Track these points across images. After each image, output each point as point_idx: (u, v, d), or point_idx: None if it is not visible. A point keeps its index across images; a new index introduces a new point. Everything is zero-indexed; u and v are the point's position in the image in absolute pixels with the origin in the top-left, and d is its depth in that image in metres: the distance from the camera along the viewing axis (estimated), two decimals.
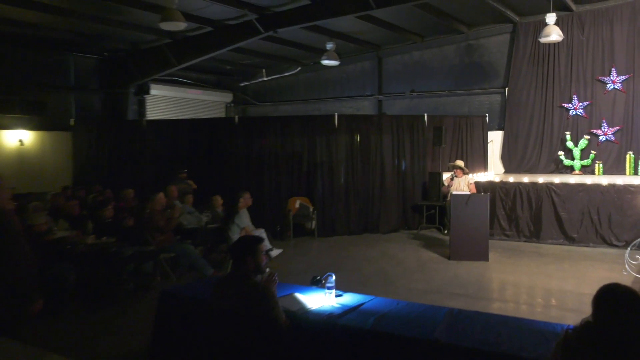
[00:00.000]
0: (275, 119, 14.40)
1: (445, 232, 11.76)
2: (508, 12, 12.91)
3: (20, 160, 13.98)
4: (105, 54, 15.68)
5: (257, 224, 9.91)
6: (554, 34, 10.79)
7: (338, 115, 12.72)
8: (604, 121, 12.52)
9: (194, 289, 4.89)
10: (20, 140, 14.02)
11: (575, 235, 10.61)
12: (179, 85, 17.09)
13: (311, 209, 12.16)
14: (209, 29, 13.26)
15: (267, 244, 9.30)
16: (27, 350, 2.57)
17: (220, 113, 18.57)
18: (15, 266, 3.81)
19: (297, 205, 12.11)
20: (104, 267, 7.44)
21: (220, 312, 3.59)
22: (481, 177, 11.99)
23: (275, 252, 9.78)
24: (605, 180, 10.68)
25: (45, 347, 3.16)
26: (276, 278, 3.83)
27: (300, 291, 4.62)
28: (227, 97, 19.08)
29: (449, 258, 9.54)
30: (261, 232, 9.24)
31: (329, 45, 13.59)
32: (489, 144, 13.52)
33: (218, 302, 3.65)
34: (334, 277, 4.53)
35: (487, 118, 13.51)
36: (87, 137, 14.87)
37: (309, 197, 12.41)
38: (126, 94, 15.85)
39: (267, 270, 8.53)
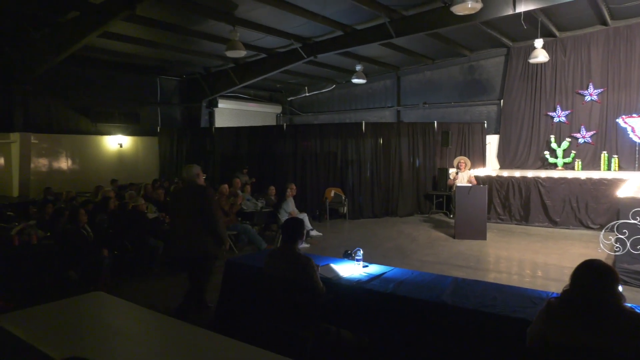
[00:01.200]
0: (315, 126, 14.43)
1: (451, 216, 11.63)
2: (503, 39, 12.60)
3: (120, 159, 14.33)
4: (184, 76, 15.93)
5: (300, 208, 9.97)
6: (541, 55, 10.48)
7: (365, 123, 12.66)
8: (582, 126, 12.11)
9: (252, 259, 4.94)
10: (120, 144, 14.37)
11: (558, 219, 10.31)
12: (240, 100, 17.25)
13: (343, 197, 12.14)
14: (263, 55, 13.33)
15: (308, 225, 9.36)
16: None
17: (272, 122, 18.69)
18: (216, 222, 4.76)
19: (332, 194, 12.11)
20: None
21: (272, 278, 3.63)
22: (480, 172, 11.75)
23: (315, 233, 9.82)
24: (583, 174, 10.36)
25: (139, 303, 3.25)
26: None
27: (334, 262, 4.62)
28: (278, 109, 19.18)
29: (454, 237, 9.42)
30: (304, 216, 9.26)
31: (358, 67, 13.51)
32: (487, 145, 13.24)
33: (271, 270, 3.68)
34: (361, 252, 4.52)
35: (485, 124, 13.22)
36: (170, 141, 15.16)
37: (341, 187, 12.39)
38: (199, 107, 16.10)
39: (308, 245, 8.62)
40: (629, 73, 11.50)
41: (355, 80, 13.76)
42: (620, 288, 2.29)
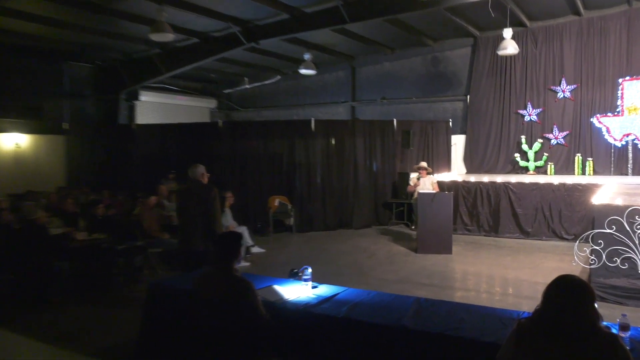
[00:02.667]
0: (257, 123, 14.38)
1: (413, 227, 11.82)
2: (469, 27, 13.04)
3: (17, 162, 13.67)
4: (98, 62, 15.45)
5: (239, 221, 9.86)
6: (510, 47, 10.92)
7: (315, 120, 12.72)
8: (555, 126, 12.73)
9: (180, 281, 4.82)
10: (17, 144, 13.73)
11: (529, 230, 10.75)
12: (167, 92, 16.90)
13: (290, 207, 12.11)
14: (195, 40, 13.14)
15: (248, 240, 9.27)
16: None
17: (205, 118, 18.41)
18: (215, 222, 5.70)
19: (276, 203, 12.06)
20: (96, 262, 7.34)
21: (204, 304, 3.55)
22: (445, 177, 12.09)
23: (256, 250, 9.73)
24: (556, 179, 10.86)
25: (38, 337, 3.08)
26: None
27: (278, 283, 4.58)
28: (212, 103, 18.94)
29: (416, 251, 9.59)
30: (243, 229, 9.17)
31: (307, 56, 13.56)
32: (452, 147, 13.65)
33: (202, 294, 3.60)
34: (310, 270, 4.51)
35: (450, 123, 13.63)
36: (80, 140, 14.64)
37: (288, 195, 12.36)
38: (117, 100, 15.64)
39: (249, 264, 8.53)
40: (603, 68, 12.21)
41: (303, 71, 13.81)
42: (596, 305, 2.40)
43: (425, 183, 10.98)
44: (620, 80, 11.96)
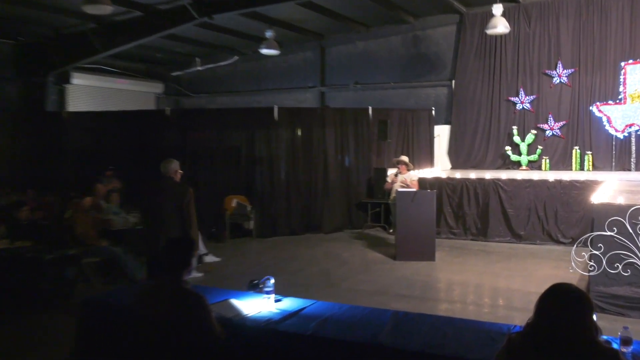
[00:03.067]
0: (211, 111, 14.27)
1: (391, 231, 11.89)
2: (455, 3, 13.19)
3: None
4: (21, 38, 15.06)
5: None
6: (500, 25, 11.08)
7: (278, 108, 12.67)
8: (550, 115, 12.99)
9: (119, 296, 4.75)
10: None
11: (522, 233, 10.92)
12: (104, 74, 16.61)
13: (249, 208, 12.05)
14: (138, 13, 12.91)
15: (201, 248, 9.18)
16: None
17: (150, 105, 18.19)
18: (191, 226, 6.13)
19: (233, 204, 11.99)
20: (19, 275, 7.16)
21: (148, 323, 3.51)
22: (427, 173, 12.21)
23: (210, 258, 9.66)
24: (552, 175, 11.05)
25: None
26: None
27: (236, 297, 4.56)
28: (158, 87, 18.70)
29: (394, 258, 9.64)
30: None
31: (269, 34, 13.51)
32: (435, 139, 13.80)
33: (145, 311, 3.56)
34: (272, 281, 4.50)
35: (433, 112, 13.77)
36: (0, 129, 14.26)
37: (247, 195, 12.30)
38: (44, 83, 15.29)
39: (201, 274, 8.46)
40: (604, 51, 12.54)
41: (265, 52, 13.76)
42: (595, 317, 2.45)
43: (404, 180, 11.09)
44: (622, 63, 12.28)
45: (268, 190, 12.48)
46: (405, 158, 11.71)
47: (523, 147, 13.13)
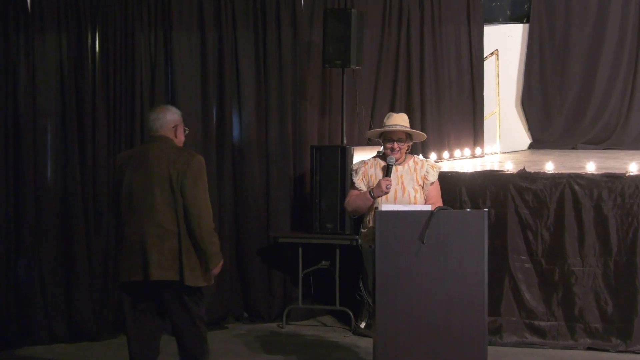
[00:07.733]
0: None
1: (364, 323, 5.85)
2: None
3: None
4: None
5: None
6: None
7: None
8: None
9: None
10: None
11: None
12: None
13: None
14: None
15: None
16: None
17: None
18: (202, 222, 4.38)
19: None
20: None
21: None
22: (464, 163, 6.55)
23: None
24: None
25: None
26: None
27: None
28: None
29: None
30: None
31: None
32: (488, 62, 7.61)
33: None
34: None
35: None
36: None
37: None
38: None
39: None
40: None
41: None
42: None
43: (402, 177, 4.71)
44: None
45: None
46: (401, 119, 4.86)
47: None
